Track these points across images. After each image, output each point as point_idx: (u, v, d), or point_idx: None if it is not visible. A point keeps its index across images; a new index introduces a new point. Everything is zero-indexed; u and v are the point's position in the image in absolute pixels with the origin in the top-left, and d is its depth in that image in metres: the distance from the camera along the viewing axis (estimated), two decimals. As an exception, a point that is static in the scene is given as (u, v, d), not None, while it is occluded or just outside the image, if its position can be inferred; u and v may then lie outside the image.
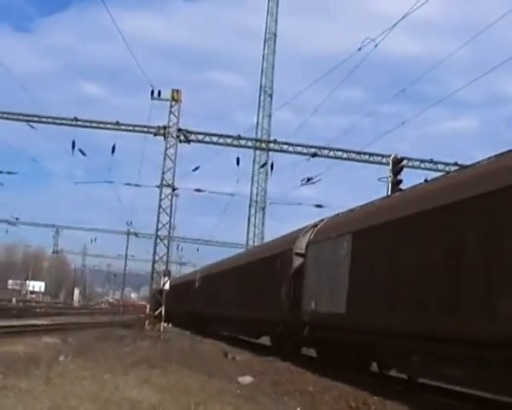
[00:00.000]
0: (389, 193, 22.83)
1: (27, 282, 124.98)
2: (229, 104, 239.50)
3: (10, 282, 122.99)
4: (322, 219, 20.21)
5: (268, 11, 54.39)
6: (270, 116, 53.66)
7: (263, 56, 54.17)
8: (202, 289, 39.59)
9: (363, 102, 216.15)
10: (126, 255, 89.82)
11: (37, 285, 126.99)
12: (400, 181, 23.99)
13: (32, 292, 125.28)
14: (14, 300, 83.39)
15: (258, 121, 52.11)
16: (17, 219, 74.44)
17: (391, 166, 24.75)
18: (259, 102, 54.31)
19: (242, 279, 28.18)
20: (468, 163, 14.05)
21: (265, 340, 25.33)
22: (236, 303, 28.33)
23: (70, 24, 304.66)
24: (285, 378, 14.27)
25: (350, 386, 12.84)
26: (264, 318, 23.33)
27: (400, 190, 19.38)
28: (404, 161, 25.10)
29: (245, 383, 13.54)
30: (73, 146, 33.59)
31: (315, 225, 19.98)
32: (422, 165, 33.48)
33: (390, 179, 24.56)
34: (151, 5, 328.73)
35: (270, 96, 54.25)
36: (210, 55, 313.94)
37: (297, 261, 20.23)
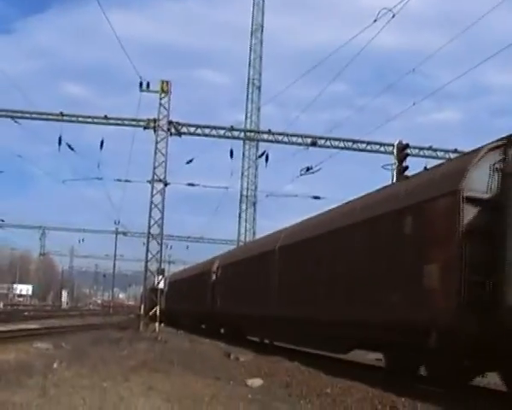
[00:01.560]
0: (394, 180, 22.04)
1: (14, 285, 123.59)
2: (217, 102, 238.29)
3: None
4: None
5: (254, 2, 53.53)
6: (259, 109, 52.73)
7: (250, 47, 53.27)
8: (227, 281, 30.55)
9: (347, 97, 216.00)
10: (115, 255, 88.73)
11: (25, 288, 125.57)
12: (406, 168, 23.14)
13: (20, 295, 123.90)
14: (1, 304, 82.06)
15: (246, 114, 51.16)
16: (2, 221, 72.97)
17: (395, 153, 23.88)
18: (247, 94, 53.38)
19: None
20: (467, 150, 13.36)
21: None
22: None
23: (51, 24, 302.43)
24: (297, 380, 13.31)
25: (371, 386, 11.88)
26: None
27: (406, 177, 18.41)
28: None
29: (255, 386, 12.62)
30: (60, 142, 32.32)
31: None
32: (422, 152, 32.86)
33: (395, 166, 23.72)
34: (135, 4, 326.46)
35: (259, 88, 53.31)
36: (196, 53, 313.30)
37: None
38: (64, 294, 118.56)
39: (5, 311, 62.97)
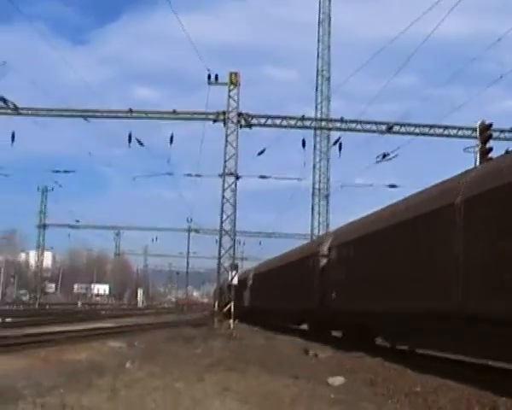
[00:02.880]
0: (477, 164, 20.74)
1: (92, 285, 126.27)
2: (286, 98, 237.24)
3: (76, 286, 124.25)
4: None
5: (320, -9, 52.43)
6: (329, 100, 51.57)
7: (318, 38, 52.15)
8: (350, 264, 20.88)
9: (415, 88, 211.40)
10: (188, 253, 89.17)
11: (102, 288, 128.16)
12: (490, 149, 21.81)
13: (97, 295, 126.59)
14: (79, 303, 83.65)
15: (316, 106, 49.93)
16: (77, 221, 74.14)
17: (478, 134, 22.57)
18: (317, 86, 52.21)
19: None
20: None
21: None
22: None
23: (123, 31, 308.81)
24: (381, 377, 12.38)
25: (464, 384, 10.85)
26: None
27: (490, 159, 17.18)
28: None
29: (336, 384, 11.77)
30: (130, 139, 32.12)
31: None
32: (502, 135, 31.23)
33: (478, 149, 22.40)
34: (201, 6, 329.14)
35: (328, 79, 52.06)
36: (262, 50, 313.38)
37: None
38: (139, 293, 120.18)
39: (83, 310, 64.00)
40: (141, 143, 32.80)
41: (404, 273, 15.61)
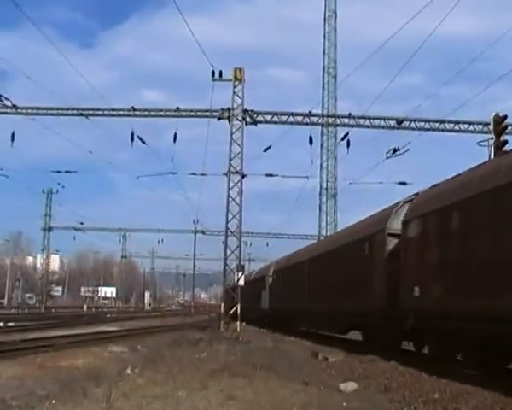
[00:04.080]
0: (492, 157, 19.99)
1: (99, 288, 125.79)
2: (292, 99, 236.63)
3: (82, 289, 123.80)
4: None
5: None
6: (335, 99, 50.85)
7: (324, 36, 51.40)
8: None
9: (421, 88, 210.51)
10: (195, 254, 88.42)
11: (109, 291, 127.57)
12: (505, 142, 21.07)
13: (105, 298, 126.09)
14: (85, 307, 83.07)
15: (323, 104, 49.19)
16: (82, 223, 73.52)
17: (492, 127, 21.83)
18: (323, 84, 51.48)
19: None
20: None
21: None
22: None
23: (129, 34, 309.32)
24: (396, 383, 11.65)
25: (486, 390, 10.10)
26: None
27: (505, 152, 16.42)
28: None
29: (349, 390, 11.08)
30: (132, 137, 31.42)
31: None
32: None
33: (492, 142, 21.66)
34: (207, 8, 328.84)
35: (335, 77, 51.36)
36: (267, 52, 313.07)
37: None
38: (147, 295, 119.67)
39: (89, 313, 63.41)
40: (143, 141, 32.05)
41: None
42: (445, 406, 9.21)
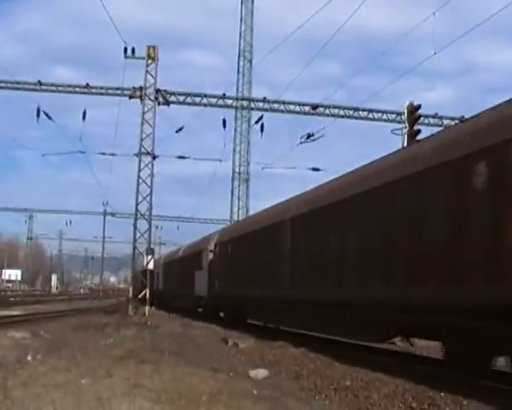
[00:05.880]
0: (405, 145, 20.25)
1: (3, 271, 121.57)
2: (207, 83, 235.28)
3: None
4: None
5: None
6: (250, 83, 50.68)
7: (240, 19, 51.08)
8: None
9: (338, 77, 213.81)
10: (104, 237, 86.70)
11: (14, 273, 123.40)
12: (418, 131, 21.36)
13: (9, 281, 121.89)
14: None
15: (238, 88, 49.01)
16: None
17: (406, 116, 22.12)
18: (238, 68, 51.25)
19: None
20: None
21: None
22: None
23: (39, 7, 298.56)
24: (307, 370, 11.56)
25: (397, 377, 10.08)
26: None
27: (418, 141, 16.60)
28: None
29: (259, 378, 10.89)
30: (38, 113, 30.10)
31: None
32: (426, 120, 31.05)
33: (406, 131, 21.95)
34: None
35: (250, 61, 51.22)
36: (185, 33, 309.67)
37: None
38: (54, 278, 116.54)
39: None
40: (49, 117, 30.75)
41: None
42: (356, 393, 9.13)
